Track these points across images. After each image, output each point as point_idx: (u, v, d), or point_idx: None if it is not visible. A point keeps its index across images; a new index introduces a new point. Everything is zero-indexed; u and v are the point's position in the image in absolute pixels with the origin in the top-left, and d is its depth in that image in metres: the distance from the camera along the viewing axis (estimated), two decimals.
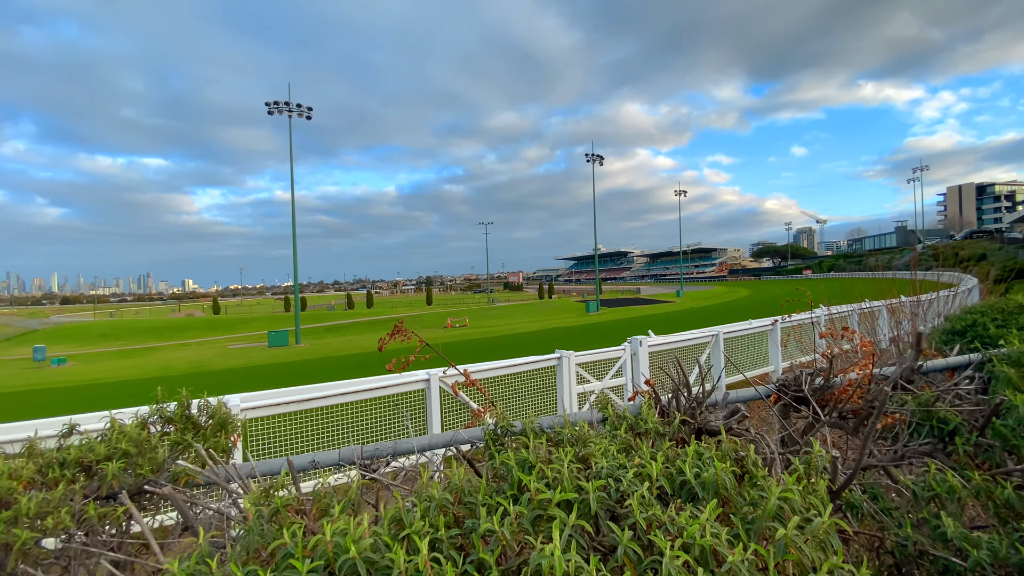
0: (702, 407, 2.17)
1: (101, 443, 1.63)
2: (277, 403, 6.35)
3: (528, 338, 32.60)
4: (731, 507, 1.08)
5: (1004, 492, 1.57)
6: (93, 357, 39.40)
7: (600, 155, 63.18)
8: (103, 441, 1.68)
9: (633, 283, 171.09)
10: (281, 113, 40.26)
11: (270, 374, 23.72)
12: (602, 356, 9.76)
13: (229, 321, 72.56)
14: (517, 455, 1.22)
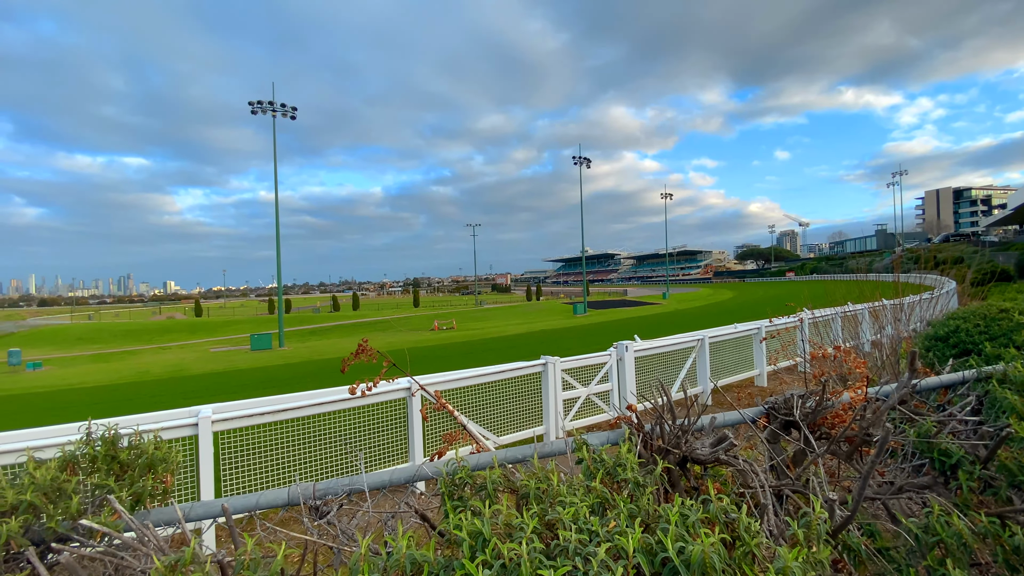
0: (688, 434, 2.01)
1: (11, 488, 1.42)
2: (250, 414, 6.08)
3: (516, 341, 32.42)
4: None
5: (1014, 538, 1.43)
6: (69, 361, 38.34)
7: (587, 158, 63.38)
8: (14, 486, 1.47)
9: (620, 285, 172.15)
10: (265, 113, 39.63)
11: (252, 379, 23.21)
12: (588, 362, 9.62)
13: (211, 324, 71.22)
14: (470, 523, 1.04)
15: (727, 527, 1.11)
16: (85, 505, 1.49)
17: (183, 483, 5.31)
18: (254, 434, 6.00)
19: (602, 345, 10.26)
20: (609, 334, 30.08)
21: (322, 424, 6.38)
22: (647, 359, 10.48)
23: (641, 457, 2.19)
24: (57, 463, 1.67)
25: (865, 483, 1.51)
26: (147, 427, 5.15)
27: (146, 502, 1.63)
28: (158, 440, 1.85)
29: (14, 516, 1.32)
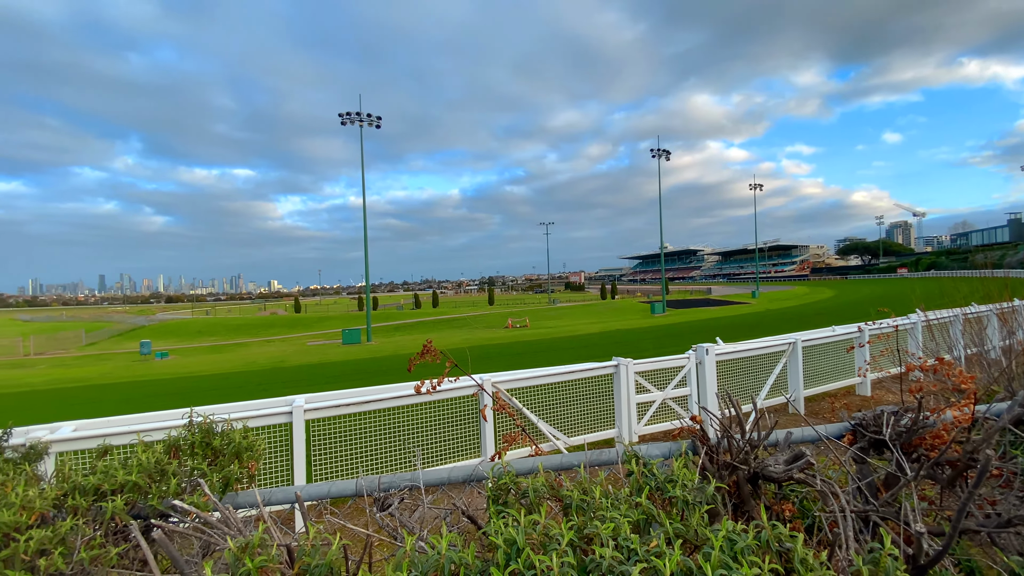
0: (757, 449, 1.87)
1: (121, 468, 1.66)
2: (336, 404, 6.57)
3: (589, 340, 31.97)
4: None
5: None
6: (190, 352, 43.55)
7: (666, 150, 60.83)
8: (124, 467, 1.71)
9: (703, 283, 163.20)
10: (353, 123, 42.38)
11: (342, 371, 24.99)
12: (664, 364, 9.27)
13: (308, 319, 77.61)
14: (507, 533, 1.04)
15: (780, 557, 1.02)
16: (183, 486, 1.70)
17: (281, 466, 5.87)
18: (340, 423, 6.48)
19: (681, 347, 9.83)
20: (689, 336, 28.68)
21: (399, 416, 6.73)
22: (730, 364, 9.90)
23: (707, 472, 2.07)
24: (163, 447, 1.92)
25: (962, 513, 1.31)
26: (246, 414, 5.76)
27: (234, 486, 1.84)
28: (246, 430, 2.06)
29: (121, 494, 1.55)
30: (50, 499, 1.50)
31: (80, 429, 5.36)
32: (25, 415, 15.41)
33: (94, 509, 1.53)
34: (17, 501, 1.41)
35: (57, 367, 34.89)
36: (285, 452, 5.97)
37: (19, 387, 24.28)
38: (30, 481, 1.91)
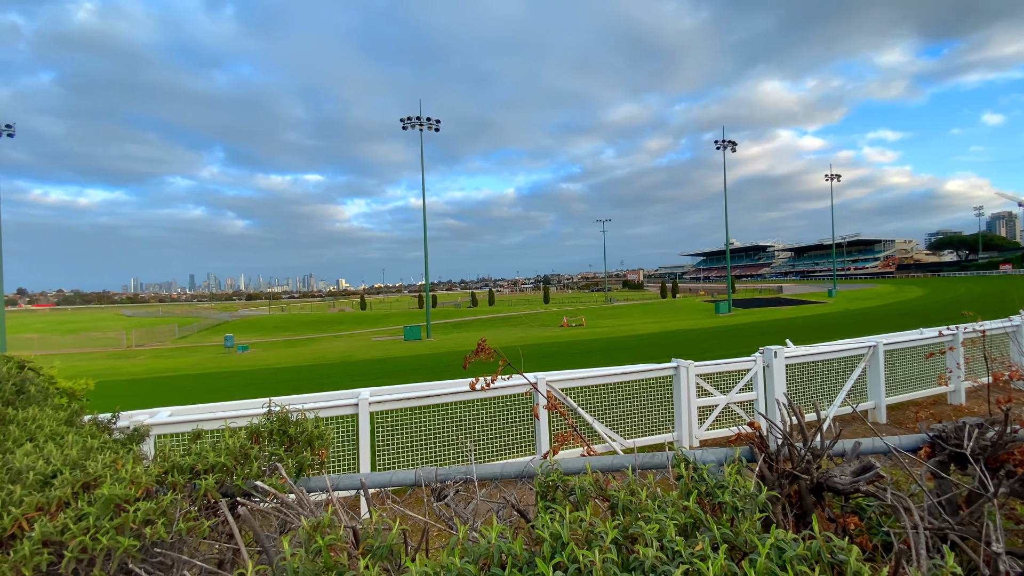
0: (820, 458, 1.78)
1: (211, 451, 1.87)
2: (399, 398, 6.88)
3: (648, 340, 31.17)
4: None
5: None
6: (268, 345, 46.80)
7: (732, 141, 57.97)
8: (214, 449, 1.92)
9: (774, 281, 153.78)
10: (414, 127, 43.79)
11: (404, 366, 25.97)
12: (728, 367, 8.89)
13: (373, 316, 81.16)
14: (553, 528, 1.08)
15: (832, 569, 0.98)
16: (263, 469, 1.89)
17: (347, 453, 6.25)
18: (401, 416, 6.77)
19: (749, 350, 9.38)
20: (757, 337, 27.22)
21: (456, 412, 6.93)
22: (801, 368, 9.34)
23: (766, 480, 2.00)
24: (246, 433, 2.13)
25: None
26: (317, 405, 6.17)
27: (307, 471, 2.01)
28: (317, 420, 2.24)
29: (211, 474, 1.74)
30: (153, 476, 1.72)
31: (175, 415, 5.96)
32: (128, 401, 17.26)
33: (189, 486, 1.74)
34: (127, 477, 1.63)
35: (154, 358, 38.75)
36: (351, 441, 6.34)
37: (123, 375, 27.22)
38: (136, 459, 2.19)
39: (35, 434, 2.83)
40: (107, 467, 1.84)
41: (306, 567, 1.10)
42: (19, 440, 2.72)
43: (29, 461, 2.15)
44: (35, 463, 2.12)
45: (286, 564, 1.11)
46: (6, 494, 1.92)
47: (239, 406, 6.14)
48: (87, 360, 37.27)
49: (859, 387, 9.70)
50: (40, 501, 1.76)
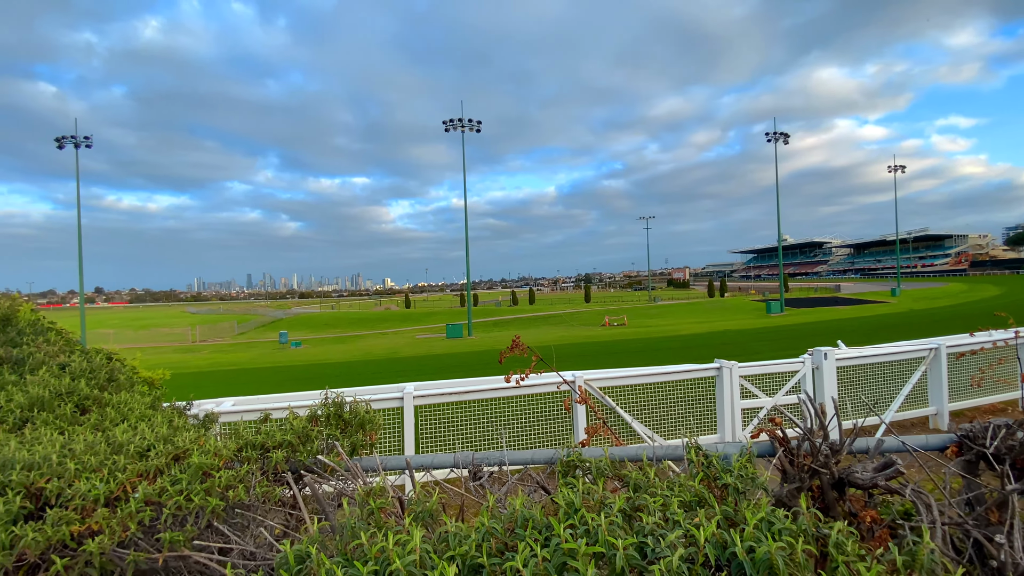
0: (839, 454, 1.83)
1: (278, 431, 2.15)
2: (441, 393, 7.19)
3: (693, 341, 30.44)
4: None
5: None
6: (319, 341, 48.93)
7: (784, 133, 55.46)
8: (281, 430, 2.20)
9: (831, 279, 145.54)
10: (456, 129, 44.57)
11: (446, 363, 26.61)
12: (774, 369, 8.68)
13: (417, 314, 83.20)
14: (568, 496, 1.25)
15: (816, 541, 1.08)
16: (322, 447, 2.15)
17: (394, 443, 6.61)
18: (442, 410, 7.08)
19: (800, 351, 9.11)
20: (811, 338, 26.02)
21: (494, 407, 7.16)
22: (855, 370, 8.99)
23: (787, 475, 2.07)
24: (306, 417, 2.41)
25: None
26: (366, 397, 6.55)
27: (359, 451, 2.26)
28: (368, 407, 2.49)
29: (279, 449, 2.01)
30: (232, 450, 2.01)
31: (237, 404, 6.49)
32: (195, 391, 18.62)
33: (261, 460, 2.01)
34: (211, 450, 1.92)
35: (216, 352, 41.38)
36: (397, 431, 6.70)
37: (189, 368, 29.27)
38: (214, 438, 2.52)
39: (127, 415, 3.25)
40: (192, 442, 2.14)
41: (360, 524, 1.30)
42: (115, 420, 3.14)
43: (127, 436, 2.51)
44: (132, 438, 2.48)
45: (343, 523, 1.32)
46: (112, 463, 2.27)
47: (297, 396, 6.62)
48: (157, 354, 40.29)
49: (919, 392, 9.23)
50: (141, 468, 2.08)
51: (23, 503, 1.94)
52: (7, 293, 4.71)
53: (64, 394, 3.28)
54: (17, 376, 3.49)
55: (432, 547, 1.13)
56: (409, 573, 1.05)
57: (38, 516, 1.99)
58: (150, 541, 1.83)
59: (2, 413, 2.99)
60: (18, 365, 3.75)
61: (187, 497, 1.76)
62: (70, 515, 1.84)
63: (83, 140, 45.23)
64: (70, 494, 1.95)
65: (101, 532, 1.79)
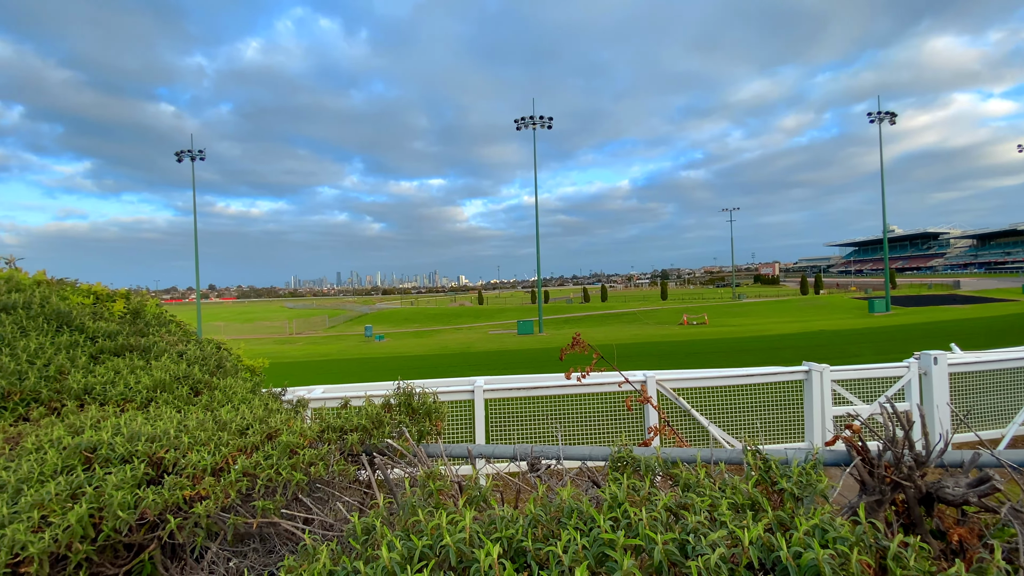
0: (925, 466, 1.66)
1: (355, 416, 2.35)
2: (510, 388, 7.36)
3: (782, 341, 28.35)
4: None
5: None
6: (400, 335, 51.55)
7: (890, 112, 49.83)
8: (357, 414, 2.40)
9: (948, 274, 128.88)
10: (527, 127, 44.82)
11: (517, 358, 26.98)
12: (873, 373, 7.93)
13: (489, 311, 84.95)
14: (612, 490, 1.26)
15: (875, 553, 1.00)
16: (393, 432, 2.32)
17: (466, 432, 6.88)
18: (512, 404, 7.23)
19: (907, 355, 8.27)
20: (920, 341, 23.26)
21: (561, 404, 7.20)
22: (971, 377, 8.00)
23: (866, 486, 1.92)
24: (381, 404, 2.60)
25: None
26: (440, 389, 6.88)
27: (426, 437, 2.41)
28: (435, 397, 2.64)
29: (355, 432, 2.20)
30: (315, 431, 2.24)
31: (327, 391, 7.06)
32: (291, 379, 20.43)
33: (339, 441, 2.22)
34: (297, 430, 2.15)
35: (310, 344, 44.96)
36: (468, 422, 6.96)
37: (286, 358, 32.07)
38: (302, 421, 2.80)
39: (231, 398, 3.68)
40: (283, 423, 2.41)
41: (420, 503, 1.42)
42: (221, 402, 3.57)
43: (230, 416, 2.85)
44: (234, 418, 2.82)
45: (406, 500, 1.44)
46: (217, 438, 2.60)
47: (376, 386, 7.09)
48: (259, 344, 44.51)
49: None
50: (240, 444, 2.37)
51: (146, 470, 2.29)
52: (137, 290, 5.49)
53: (181, 378, 3.78)
54: (144, 361, 4.07)
55: (481, 528, 1.21)
56: (458, 549, 1.14)
57: (157, 481, 2.34)
58: (247, 508, 2.09)
59: (132, 392, 3.51)
60: (145, 352, 4.36)
61: (276, 471, 1.99)
62: (183, 481, 2.15)
63: (197, 153, 51.05)
64: (184, 464, 2.27)
65: (207, 498, 2.08)
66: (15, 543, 1.92)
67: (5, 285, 4.54)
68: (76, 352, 3.86)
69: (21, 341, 3.73)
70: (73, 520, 1.93)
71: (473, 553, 1.09)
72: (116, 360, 3.93)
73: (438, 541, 1.16)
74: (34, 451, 2.56)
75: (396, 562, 1.11)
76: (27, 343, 3.72)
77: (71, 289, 5.15)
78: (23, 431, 3.00)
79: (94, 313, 4.68)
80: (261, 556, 2.14)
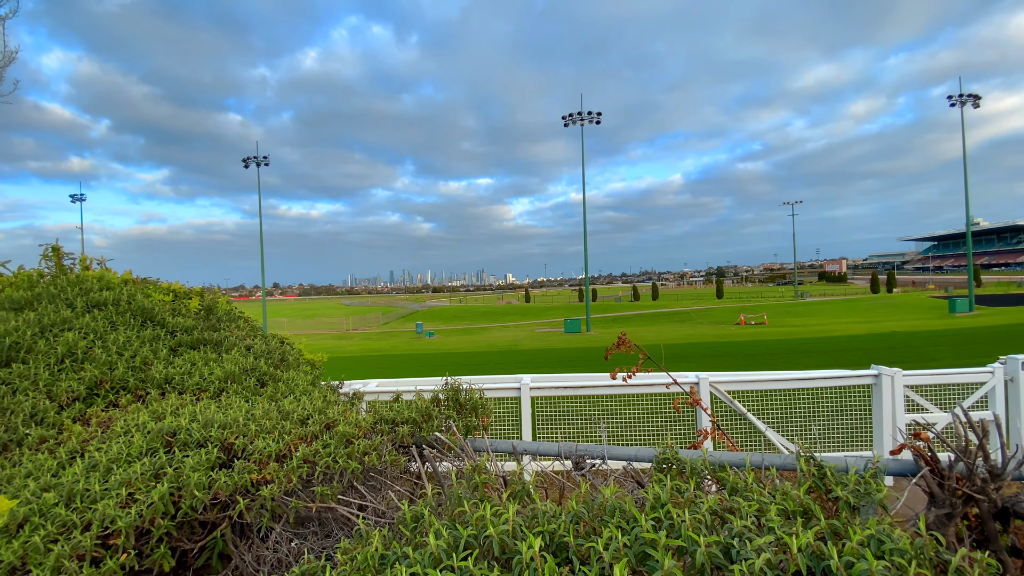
0: (1001, 479, 1.53)
1: (407, 409, 2.45)
2: (556, 386, 7.37)
3: (849, 343, 26.63)
4: None
5: None
6: (449, 332, 52.59)
7: (974, 94, 45.51)
8: (408, 407, 2.50)
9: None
10: (575, 123, 44.41)
11: (564, 356, 26.87)
12: (952, 379, 7.33)
13: (536, 309, 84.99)
14: (655, 490, 1.25)
15: (935, 567, 0.93)
16: (442, 425, 2.40)
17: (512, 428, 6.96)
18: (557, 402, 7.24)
19: (991, 359, 7.62)
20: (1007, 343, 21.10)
21: (609, 404, 7.12)
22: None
23: (935, 499, 1.79)
24: (431, 398, 2.69)
25: None
26: (487, 385, 6.98)
27: (472, 432, 2.47)
28: (481, 393, 2.71)
29: (405, 425, 2.30)
30: (369, 423, 2.35)
31: (380, 385, 7.35)
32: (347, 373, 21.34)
33: (391, 433, 2.33)
34: (353, 421, 2.27)
35: (365, 340, 46.72)
36: (515, 419, 7.04)
37: (343, 353, 33.50)
38: (357, 412, 2.94)
39: (293, 390, 3.92)
40: (340, 415, 2.55)
41: (467, 494, 1.47)
42: (284, 393, 3.81)
43: (292, 407, 3.04)
44: (296, 408, 3.01)
45: (453, 492, 1.50)
46: (281, 427, 2.79)
47: (425, 380, 7.31)
48: (318, 340, 46.73)
49: None
50: (301, 433, 2.53)
51: (219, 454, 2.49)
52: (210, 288, 5.94)
53: (249, 370, 4.07)
54: (216, 355, 4.40)
55: (524, 522, 1.24)
56: (501, 541, 1.18)
57: (228, 465, 2.53)
58: (307, 493, 2.24)
59: (206, 383, 3.81)
60: (217, 346, 4.71)
61: (334, 459, 2.12)
62: (251, 466, 2.32)
63: (263, 159, 54.23)
64: (251, 450, 2.45)
65: (272, 482, 2.23)
66: (105, 517, 2.15)
67: (97, 284, 5.03)
68: (158, 345, 4.23)
69: (111, 335, 4.13)
70: (156, 497, 2.13)
71: (516, 545, 1.13)
72: (192, 353, 4.27)
73: (482, 531, 1.20)
74: (122, 434, 2.84)
75: (443, 549, 1.16)
76: (116, 336, 4.11)
77: (153, 287, 5.63)
78: (113, 416, 3.33)
79: (173, 309, 5.10)
80: (320, 539, 2.28)
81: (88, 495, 2.17)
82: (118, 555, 1.97)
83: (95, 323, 4.10)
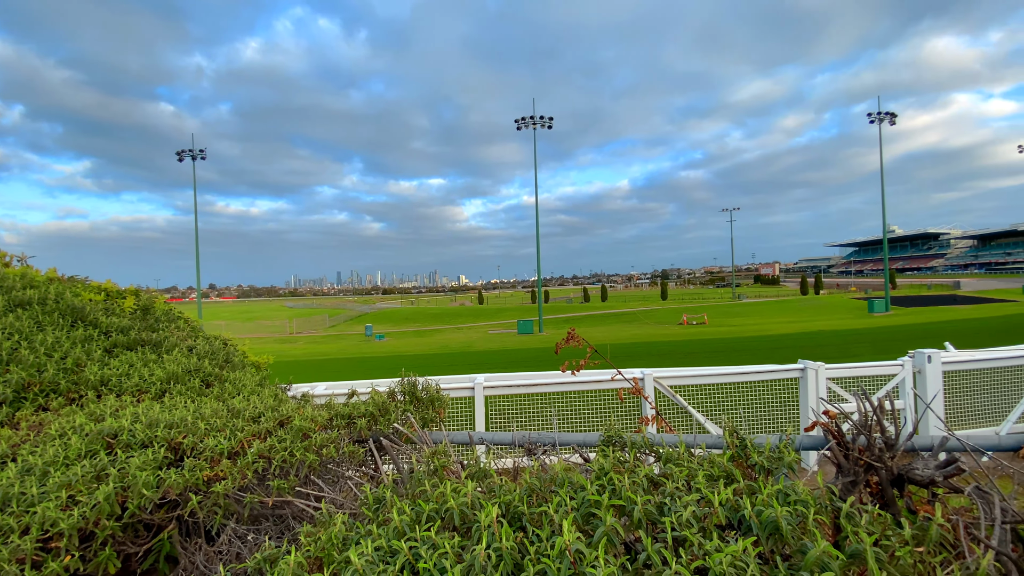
0: (895, 449, 1.79)
1: (362, 404, 2.48)
2: (509, 384, 7.51)
3: (781, 341, 28.50)
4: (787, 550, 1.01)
5: None
6: (400, 335, 51.66)
7: (891, 112, 49.95)
8: (364, 403, 2.54)
9: (949, 275, 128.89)
10: (527, 127, 44.94)
11: (517, 357, 27.11)
12: (867, 371, 8.08)
13: (489, 310, 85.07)
14: (600, 462, 1.39)
15: (831, 513, 1.13)
16: (399, 419, 2.46)
17: (466, 427, 7.02)
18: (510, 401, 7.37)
19: (904, 353, 8.41)
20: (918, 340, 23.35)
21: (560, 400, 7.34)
22: (966, 376, 8.14)
23: (842, 469, 2.05)
24: (387, 393, 2.74)
25: None
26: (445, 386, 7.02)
27: (429, 424, 2.54)
28: (438, 387, 2.78)
29: (363, 418, 2.34)
30: (324, 418, 2.37)
31: (329, 388, 7.21)
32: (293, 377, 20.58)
33: (348, 427, 2.36)
34: (308, 416, 2.29)
35: (311, 343, 45.06)
36: (469, 418, 7.11)
37: (287, 357, 32.21)
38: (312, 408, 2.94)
39: (241, 389, 3.82)
40: (294, 411, 2.54)
41: (426, 476, 1.55)
42: (232, 393, 3.71)
43: (243, 405, 2.99)
44: (247, 407, 2.96)
45: (415, 474, 1.58)
46: (232, 424, 2.74)
47: (379, 382, 7.25)
48: (261, 343, 44.63)
49: None
50: (254, 430, 2.51)
51: (166, 454, 2.43)
52: (140, 288, 5.63)
53: (193, 371, 3.92)
54: (156, 355, 4.21)
55: (483, 496, 1.34)
56: (461, 512, 1.27)
57: (177, 464, 2.47)
58: (263, 488, 2.23)
59: (147, 384, 3.65)
60: (156, 347, 4.50)
61: (290, 452, 2.13)
62: (202, 464, 2.28)
63: (198, 153, 51.23)
64: (201, 448, 2.41)
65: (225, 478, 2.21)
66: (46, 520, 2.06)
67: (20, 281, 4.68)
68: (91, 346, 4.00)
69: (38, 335, 3.87)
70: (101, 498, 2.06)
71: (475, 515, 1.22)
72: (129, 354, 4.07)
73: (443, 505, 1.29)
74: (58, 437, 2.70)
75: (406, 523, 1.24)
76: (44, 337, 3.85)
77: (82, 286, 5.28)
78: (44, 419, 3.14)
79: (106, 309, 4.82)
80: (275, 536, 2.28)
81: (24, 499, 2.07)
82: (61, 558, 1.90)
83: (19, 323, 3.83)
